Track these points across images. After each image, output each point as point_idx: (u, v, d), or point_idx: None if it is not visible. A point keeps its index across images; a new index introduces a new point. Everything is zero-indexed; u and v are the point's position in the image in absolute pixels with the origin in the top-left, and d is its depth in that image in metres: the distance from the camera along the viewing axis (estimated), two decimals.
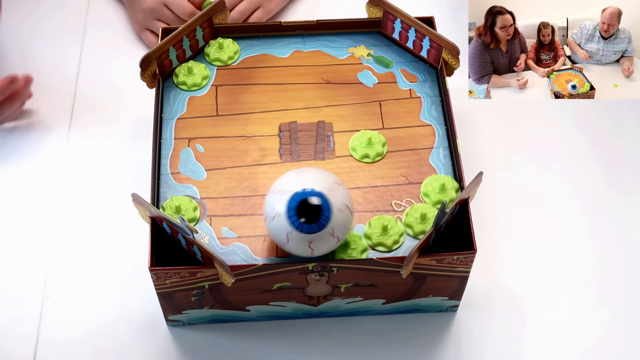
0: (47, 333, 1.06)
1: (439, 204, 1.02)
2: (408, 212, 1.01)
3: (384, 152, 1.07)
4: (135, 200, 0.95)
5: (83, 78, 1.28)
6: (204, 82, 1.12)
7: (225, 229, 1.01)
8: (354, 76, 1.13)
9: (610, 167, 1.21)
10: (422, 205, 1.02)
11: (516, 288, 1.10)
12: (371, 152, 1.06)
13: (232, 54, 1.14)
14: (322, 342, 1.06)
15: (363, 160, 1.06)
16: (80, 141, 1.21)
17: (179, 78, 1.12)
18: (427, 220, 1.00)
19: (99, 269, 1.11)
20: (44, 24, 1.33)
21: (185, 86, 1.11)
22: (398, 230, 1.00)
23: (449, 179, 1.03)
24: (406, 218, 1.01)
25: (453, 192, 1.03)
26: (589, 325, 1.08)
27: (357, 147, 1.07)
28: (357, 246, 0.99)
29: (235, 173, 1.05)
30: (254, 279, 0.98)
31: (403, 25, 1.13)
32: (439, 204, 1.02)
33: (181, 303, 1.01)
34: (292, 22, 1.16)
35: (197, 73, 1.12)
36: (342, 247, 0.98)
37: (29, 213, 1.15)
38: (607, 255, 1.13)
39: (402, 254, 0.99)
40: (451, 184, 1.03)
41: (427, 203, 1.03)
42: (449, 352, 1.06)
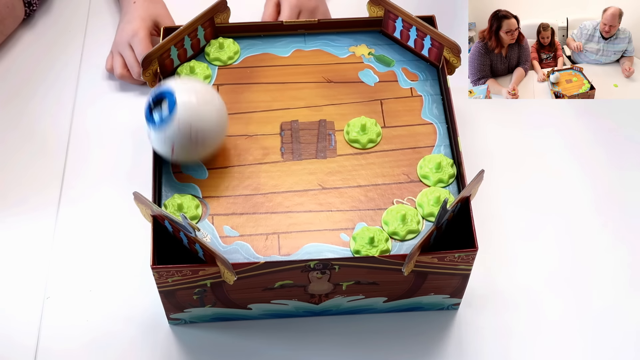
0: (48, 333, 1.06)
1: (440, 182, 1.03)
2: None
3: (377, 141, 1.07)
4: (137, 198, 0.96)
5: (84, 76, 1.28)
6: (205, 81, 1.12)
7: (227, 227, 1.01)
8: (355, 75, 1.13)
9: (610, 167, 1.21)
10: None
11: (517, 286, 1.10)
12: (362, 138, 1.06)
13: (232, 54, 1.14)
14: (323, 340, 1.06)
15: (353, 144, 1.06)
16: (81, 141, 1.21)
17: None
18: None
19: (100, 269, 1.11)
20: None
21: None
22: (416, 219, 1.01)
23: (442, 157, 1.04)
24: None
25: (450, 168, 1.04)
26: (589, 323, 1.08)
27: (351, 130, 1.07)
28: (381, 237, 0.99)
29: (237, 172, 1.05)
30: (256, 277, 0.98)
31: (404, 24, 1.13)
32: (441, 182, 1.03)
33: (183, 301, 1.01)
34: (293, 21, 1.16)
35: (199, 72, 1.12)
36: (368, 242, 0.98)
37: (29, 213, 1.15)
38: (609, 254, 1.13)
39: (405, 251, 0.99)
40: (445, 160, 1.04)
41: (428, 185, 1.04)
42: (451, 350, 1.06)
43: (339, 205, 1.03)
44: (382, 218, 1.01)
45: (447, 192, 1.03)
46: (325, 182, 1.04)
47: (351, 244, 0.99)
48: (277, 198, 1.03)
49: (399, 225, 1.00)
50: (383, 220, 1.01)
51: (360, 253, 0.98)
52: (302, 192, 1.04)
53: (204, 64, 1.13)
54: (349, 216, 1.02)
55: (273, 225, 1.01)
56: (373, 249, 0.98)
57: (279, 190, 1.04)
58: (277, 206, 1.03)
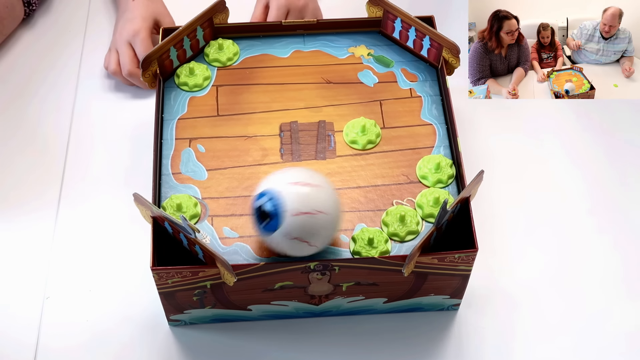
0: (48, 334, 1.06)
1: (439, 183, 1.03)
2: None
3: (377, 142, 1.07)
4: (137, 200, 0.95)
5: (84, 77, 1.28)
6: (205, 82, 1.12)
7: (227, 229, 1.01)
8: (355, 76, 1.13)
9: (610, 167, 1.21)
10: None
11: (517, 287, 1.10)
12: (361, 139, 1.06)
13: (231, 55, 1.14)
14: (323, 341, 1.06)
15: (352, 145, 1.07)
16: (81, 141, 1.21)
17: (181, 79, 1.12)
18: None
19: (99, 269, 1.11)
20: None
21: (186, 87, 1.12)
22: (415, 220, 1.01)
23: (441, 157, 1.05)
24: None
25: (449, 169, 1.04)
26: (589, 323, 1.08)
27: (350, 132, 1.07)
28: (380, 238, 0.99)
29: (236, 173, 1.05)
30: (256, 278, 0.98)
31: (403, 25, 1.13)
32: (440, 183, 1.03)
33: (183, 303, 1.01)
34: (293, 21, 1.16)
35: (199, 74, 1.12)
36: (367, 244, 0.98)
37: (29, 213, 1.15)
38: (608, 255, 1.13)
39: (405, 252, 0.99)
40: (445, 160, 1.04)
41: (427, 186, 1.04)
42: (451, 351, 1.06)
43: None
44: (381, 219, 1.01)
45: (447, 192, 1.03)
46: None
47: (351, 245, 0.99)
48: None
49: (398, 226, 1.00)
50: (382, 222, 1.01)
51: (360, 254, 0.98)
52: None
53: (204, 65, 1.13)
54: (348, 217, 1.02)
55: None
56: (372, 250, 0.98)
57: None
58: None
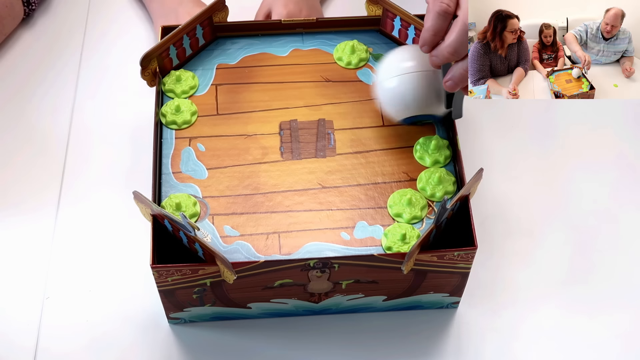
0: (48, 334, 1.06)
1: (437, 164, 1.04)
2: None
3: (367, 59, 1.14)
4: (137, 197, 0.96)
5: (83, 76, 1.28)
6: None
7: (228, 227, 1.01)
8: (354, 74, 1.13)
9: (610, 167, 1.21)
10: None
11: (517, 285, 1.10)
12: (353, 59, 1.13)
13: (187, 88, 1.11)
14: (323, 339, 1.06)
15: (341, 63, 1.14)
16: (81, 140, 1.22)
17: (168, 118, 1.08)
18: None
19: (99, 269, 1.11)
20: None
21: (175, 125, 1.08)
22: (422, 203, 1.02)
23: (437, 138, 1.05)
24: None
25: (446, 150, 1.05)
26: (589, 323, 1.08)
27: (343, 56, 1.13)
28: (412, 234, 0.99)
29: (236, 172, 1.05)
30: (256, 276, 0.98)
31: (402, 23, 1.14)
32: (437, 164, 1.04)
33: (183, 301, 1.02)
34: (291, 20, 1.16)
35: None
36: (400, 239, 0.99)
37: (28, 213, 1.15)
38: (608, 254, 1.13)
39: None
40: (441, 142, 1.05)
41: (426, 166, 1.05)
42: (450, 349, 1.06)
43: (339, 204, 1.03)
44: (387, 202, 1.01)
45: (445, 171, 1.03)
46: (325, 181, 1.04)
47: (383, 241, 0.99)
48: (277, 197, 1.03)
49: (405, 209, 1.00)
50: (388, 204, 1.01)
51: (392, 250, 0.98)
52: (302, 192, 1.04)
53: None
54: (349, 215, 1.02)
55: (273, 225, 1.01)
56: (405, 246, 0.98)
57: (278, 189, 1.04)
58: (277, 205, 1.03)
